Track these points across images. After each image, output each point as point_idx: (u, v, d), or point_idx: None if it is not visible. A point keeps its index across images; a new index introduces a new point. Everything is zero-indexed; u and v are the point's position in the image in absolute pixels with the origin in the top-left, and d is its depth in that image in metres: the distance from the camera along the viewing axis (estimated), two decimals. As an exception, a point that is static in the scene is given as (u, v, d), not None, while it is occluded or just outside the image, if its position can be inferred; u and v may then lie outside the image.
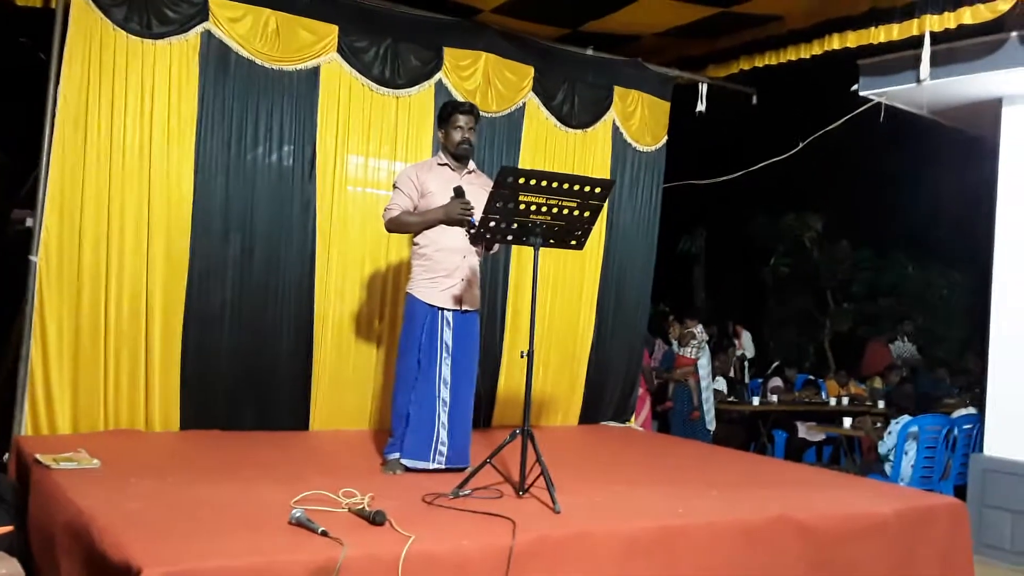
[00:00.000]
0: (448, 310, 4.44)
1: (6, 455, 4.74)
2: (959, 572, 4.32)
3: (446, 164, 4.58)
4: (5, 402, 5.18)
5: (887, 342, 12.24)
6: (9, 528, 3.67)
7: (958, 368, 11.00)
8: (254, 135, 5.45)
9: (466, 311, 4.50)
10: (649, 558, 3.41)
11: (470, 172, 4.62)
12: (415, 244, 4.55)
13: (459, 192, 4.36)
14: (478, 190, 4.41)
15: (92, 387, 5.02)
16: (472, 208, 4.34)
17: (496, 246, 4.54)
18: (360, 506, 3.36)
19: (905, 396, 7.27)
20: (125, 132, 5.07)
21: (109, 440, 4.78)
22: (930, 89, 6.03)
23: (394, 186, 4.62)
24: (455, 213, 4.35)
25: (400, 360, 4.54)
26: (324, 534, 2.96)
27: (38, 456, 3.98)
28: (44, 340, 4.89)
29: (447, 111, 4.57)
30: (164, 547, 2.77)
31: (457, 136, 4.51)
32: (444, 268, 4.44)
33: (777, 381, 10.32)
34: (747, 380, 10.53)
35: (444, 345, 4.41)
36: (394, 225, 4.56)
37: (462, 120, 4.50)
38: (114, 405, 5.10)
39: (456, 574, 3.01)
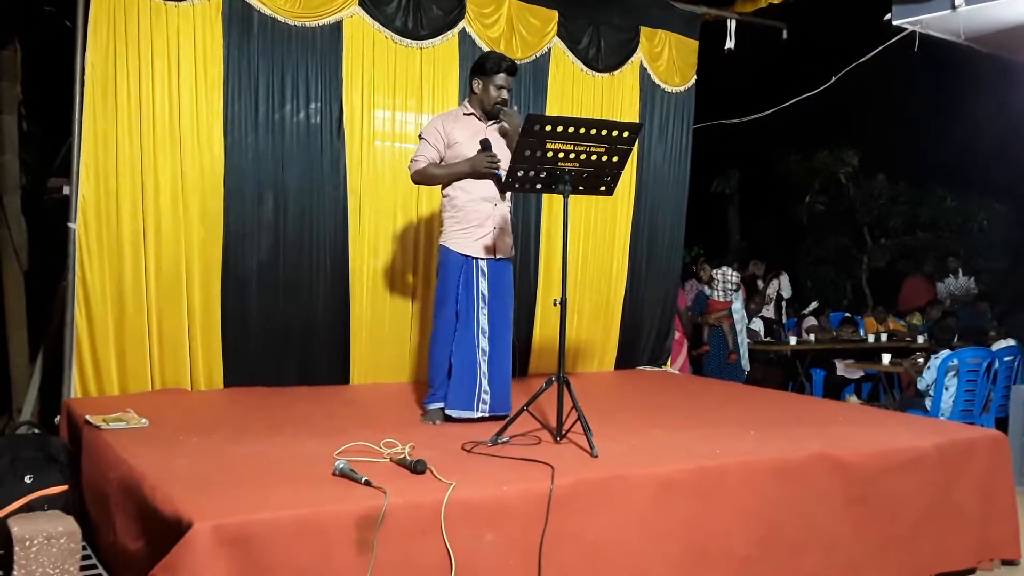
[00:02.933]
0: (482, 259, 4.45)
1: (57, 417, 4.88)
2: (1000, 505, 4.31)
3: (472, 114, 4.55)
4: (53, 366, 5.32)
5: (929, 277, 12.10)
6: (64, 487, 3.78)
7: (1000, 299, 10.85)
8: (281, 94, 5.46)
9: (500, 259, 4.51)
10: (687, 498, 3.45)
11: (497, 123, 4.59)
12: (445, 196, 4.54)
13: (486, 145, 4.34)
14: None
15: (137, 349, 5.13)
16: (499, 160, 4.32)
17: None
18: (401, 456, 3.42)
19: (946, 330, 7.20)
20: (154, 96, 5.10)
21: (156, 400, 4.89)
22: (965, 15, 5.86)
23: (420, 137, 4.60)
24: (482, 166, 4.34)
25: (437, 312, 4.56)
26: (367, 484, 3.02)
27: (88, 417, 4.09)
28: (88, 305, 4.99)
29: (491, 65, 4.46)
30: (213, 501, 2.84)
31: (496, 95, 4.45)
32: (476, 218, 4.43)
33: (812, 320, 10.26)
34: (784, 320, 10.49)
35: (480, 295, 4.43)
36: (420, 177, 4.54)
37: (503, 80, 4.45)
38: (159, 366, 5.21)
39: (497, 518, 3.07)
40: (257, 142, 5.41)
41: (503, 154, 4.32)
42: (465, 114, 4.57)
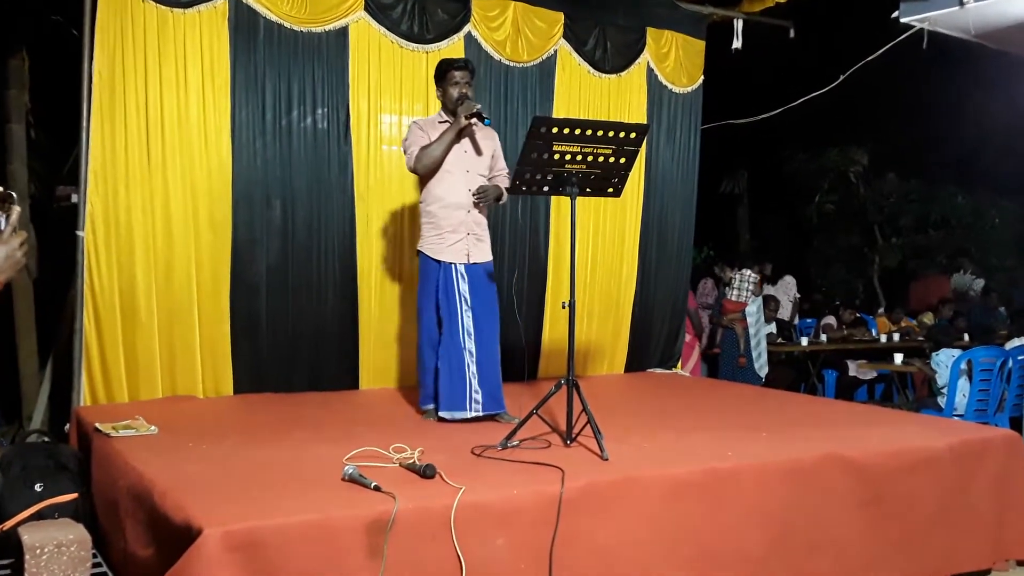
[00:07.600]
0: (459, 263, 4.50)
1: (67, 425, 4.88)
2: (1015, 505, 4.26)
3: (446, 121, 4.58)
4: (63, 374, 5.33)
5: (939, 276, 12.05)
6: (74, 495, 3.79)
7: (1012, 298, 10.80)
8: (287, 99, 5.46)
9: (476, 263, 4.55)
10: (698, 501, 3.42)
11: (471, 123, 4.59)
12: (421, 202, 4.63)
13: (463, 97, 4.43)
14: (483, 139, 4.51)
15: (146, 356, 5.13)
16: (479, 106, 4.39)
17: (504, 197, 4.60)
18: (410, 460, 3.41)
19: (941, 331, 7.18)
20: (161, 103, 5.11)
21: (165, 407, 4.89)
22: (973, 11, 5.82)
23: (404, 140, 4.65)
24: (467, 113, 4.37)
25: (420, 317, 4.65)
26: (377, 489, 3.02)
27: (97, 425, 4.10)
28: (96, 312, 5.00)
29: (442, 68, 4.57)
30: (223, 507, 2.84)
31: (455, 92, 4.50)
32: (449, 224, 4.51)
33: (830, 319, 10.21)
34: (795, 321, 10.43)
35: (462, 297, 4.48)
36: (419, 162, 4.50)
37: (458, 76, 4.50)
38: (169, 372, 5.21)
39: (507, 522, 3.05)
40: (265, 148, 5.41)
41: (484, 152, 4.51)
42: (440, 122, 4.62)
